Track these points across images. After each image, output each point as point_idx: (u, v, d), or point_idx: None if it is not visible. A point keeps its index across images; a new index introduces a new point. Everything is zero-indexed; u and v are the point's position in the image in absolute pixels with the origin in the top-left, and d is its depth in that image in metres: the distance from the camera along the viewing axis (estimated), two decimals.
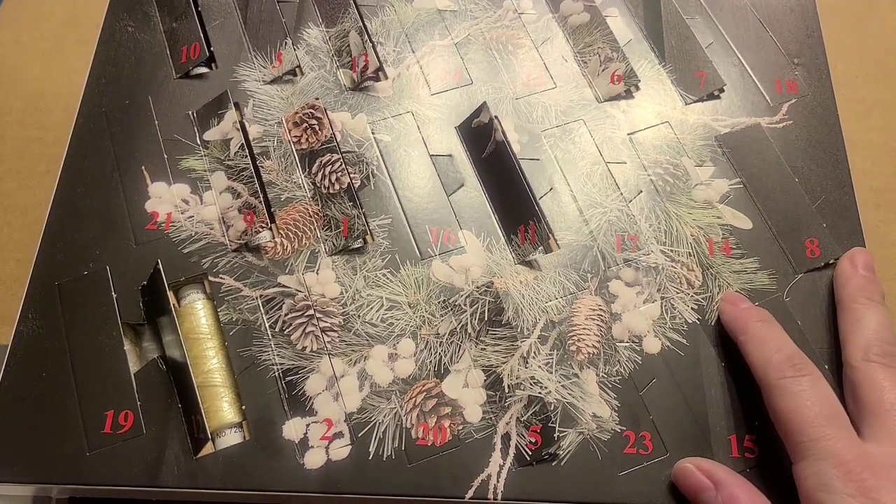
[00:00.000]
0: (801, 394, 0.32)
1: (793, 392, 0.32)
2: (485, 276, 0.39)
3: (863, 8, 0.54)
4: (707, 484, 0.33)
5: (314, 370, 0.36)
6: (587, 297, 0.38)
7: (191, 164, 0.42)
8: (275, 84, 0.44)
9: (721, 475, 0.33)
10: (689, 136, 0.43)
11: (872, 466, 0.30)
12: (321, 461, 0.34)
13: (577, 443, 0.35)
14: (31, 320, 0.37)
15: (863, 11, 0.54)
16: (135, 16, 0.46)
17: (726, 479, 0.33)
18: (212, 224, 0.40)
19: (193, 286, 0.39)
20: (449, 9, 0.47)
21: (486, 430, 0.35)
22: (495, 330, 0.37)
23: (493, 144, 0.41)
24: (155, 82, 0.44)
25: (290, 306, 0.38)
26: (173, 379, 0.36)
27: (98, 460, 0.34)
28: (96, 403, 0.35)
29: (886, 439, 0.32)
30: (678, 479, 0.34)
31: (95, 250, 0.39)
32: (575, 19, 0.47)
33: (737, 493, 0.32)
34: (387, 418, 0.36)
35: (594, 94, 0.44)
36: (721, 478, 0.33)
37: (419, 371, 0.37)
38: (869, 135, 0.49)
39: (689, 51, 0.45)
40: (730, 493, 0.32)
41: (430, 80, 0.45)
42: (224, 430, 0.35)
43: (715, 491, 0.32)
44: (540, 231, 0.39)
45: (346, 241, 0.39)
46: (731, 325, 0.37)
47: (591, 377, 0.37)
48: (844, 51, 0.51)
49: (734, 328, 0.36)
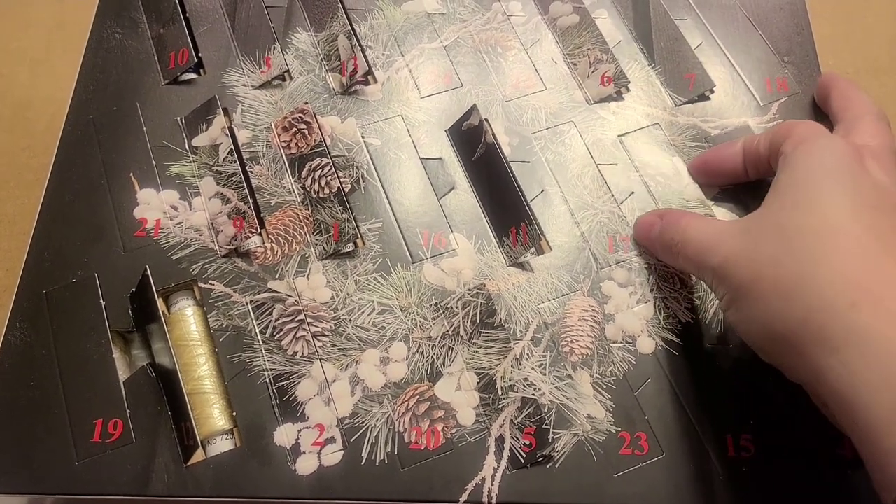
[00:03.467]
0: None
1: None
2: (477, 278, 0.39)
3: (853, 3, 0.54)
4: (653, 219, 0.38)
5: (305, 375, 0.36)
6: (580, 299, 0.38)
7: (179, 170, 0.41)
8: (263, 89, 0.44)
9: (666, 210, 0.38)
10: (680, 138, 0.43)
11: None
12: (313, 467, 0.34)
13: (572, 444, 0.35)
14: (19, 329, 0.37)
15: (853, 5, 0.54)
16: (122, 22, 0.46)
17: (670, 210, 0.37)
18: (201, 230, 0.40)
19: (183, 293, 0.38)
20: (438, 12, 0.47)
21: (480, 433, 0.35)
22: (488, 332, 0.37)
23: (484, 147, 0.41)
24: (143, 88, 0.44)
25: (280, 311, 0.37)
26: (163, 386, 0.36)
27: (87, 469, 0.34)
28: (85, 412, 0.35)
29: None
30: (635, 232, 0.39)
31: (84, 258, 0.39)
32: (564, 21, 0.47)
33: (677, 214, 0.36)
34: (379, 423, 0.35)
35: (584, 95, 0.44)
36: (665, 210, 0.37)
37: (411, 375, 0.36)
38: None
39: (678, 52, 0.45)
40: (671, 216, 0.36)
41: (420, 84, 0.44)
42: (215, 437, 0.35)
43: (660, 220, 0.37)
44: (531, 233, 0.39)
45: (337, 245, 0.39)
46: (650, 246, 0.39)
47: (585, 378, 0.36)
48: (835, 46, 0.51)
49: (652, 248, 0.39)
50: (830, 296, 0.27)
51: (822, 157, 0.32)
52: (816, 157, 0.32)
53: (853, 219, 0.29)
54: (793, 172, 0.32)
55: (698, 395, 0.36)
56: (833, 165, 0.31)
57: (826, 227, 0.29)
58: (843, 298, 0.27)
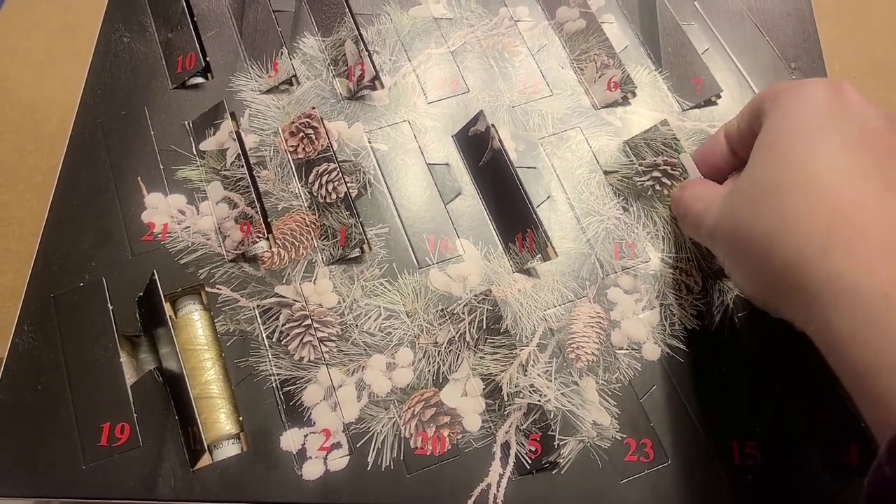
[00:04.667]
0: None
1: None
2: (483, 284, 0.39)
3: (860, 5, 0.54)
4: (677, 194, 0.38)
5: (312, 380, 0.36)
6: (586, 305, 0.38)
7: (187, 175, 0.41)
8: (271, 94, 0.44)
9: (686, 182, 0.39)
10: (687, 143, 0.43)
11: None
12: (319, 472, 0.34)
13: (578, 451, 0.35)
14: (27, 332, 0.37)
15: (859, 9, 0.54)
16: (130, 26, 0.46)
17: (685, 183, 0.38)
18: (208, 234, 0.40)
19: (190, 297, 0.38)
20: (445, 17, 0.47)
21: (486, 439, 0.35)
22: (494, 338, 0.37)
23: (490, 153, 0.41)
24: (151, 93, 0.44)
25: (287, 316, 0.38)
26: (170, 390, 0.36)
27: (94, 473, 0.34)
28: (92, 416, 0.35)
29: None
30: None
31: (91, 262, 0.39)
32: (571, 26, 0.47)
33: (681, 189, 0.37)
34: (385, 428, 0.35)
35: (591, 101, 0.44)
36: (686, 182, 0.39)
37: (417, 380, 0.36)
38: None
39: (685, 57, 0.45)
40: (679, 190, 0.38)
41: (427, 89, 0.44)
42: (221, 441, 0.35)
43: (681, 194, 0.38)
44: (538, 239, 0.39)
45: (344, 250, 0.39)
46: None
47: (591, 385, 0.36)
48: (841, 49, 0.51)
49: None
50: (801, 246, 0.27)
51: (799, 106, 0.31)
52: (793, 107, 0.31)
53: (831, 168, 0.28)
54: (771, 127, 0.32)
55: (704, 403, 0.36)
56: (811, 113, 0.30)
57: (801, 179, 0.29)
58: (813, 247, 0.27)
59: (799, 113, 0.31)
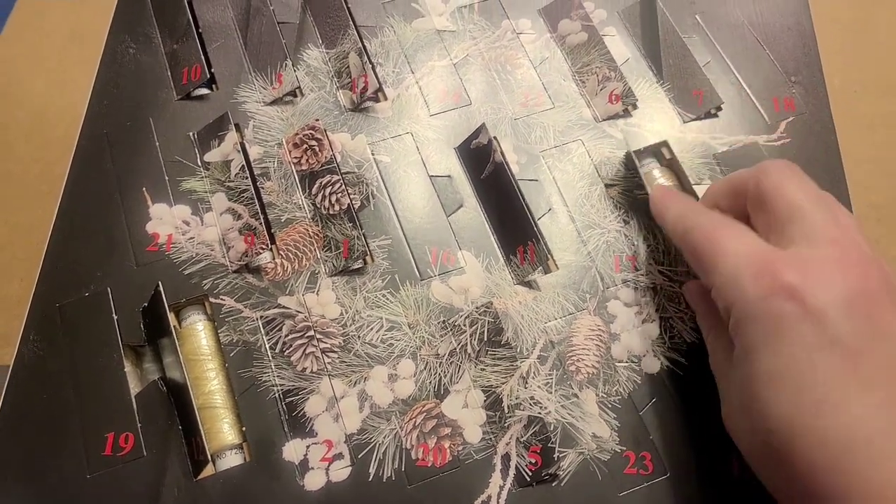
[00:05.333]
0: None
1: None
2: (484, 296, 0.39)
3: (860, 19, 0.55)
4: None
5: (314, 391, 0.37)
6: (586, 318, 0.39)
7: (192, 186, 0.42)
8: (275, 105, 0.44)
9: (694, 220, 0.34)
10: (688, 155, 0.43)
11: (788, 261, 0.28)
12: (321, 482, 0.35)
13: (577, 463, 0.35)
14: (32, 342, 0.37)
15: (860, 23, 0.54)
16: (136, 37, 0.47)
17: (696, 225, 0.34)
18: (212, 245, 0.40)
19: (194, 307, 0.39)
20: (448, 29, 0.47)
21: (486, 451, 0.35)
22: (495, 350, 0.38)
23: (492, 165, 0.41)
24: (156, 104, 0.44)
25: (290, 327, 0.38)
26: (174, 400, 0.36)
27: (98, 483, 0.34)
28: (97, 425, 0.36)
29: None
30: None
31: (97, 272, 0.39)
32: (573, 39, 0.47)
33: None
34: (387, 439, 0.36)
35: (592, 113, 0.45)
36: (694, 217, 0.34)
37: (419, 391, 0.37)
38: (869, 149, 0.49)
39: (686, 69, 0.46)
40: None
41: (430, 101, 0.45)
42: (224, 451, 0.35)
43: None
44: (539, 251, 0.39)
45: (346, 261, 0.39)
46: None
47: (591, 397, 0.37)
48: (842, 63, 0.52)
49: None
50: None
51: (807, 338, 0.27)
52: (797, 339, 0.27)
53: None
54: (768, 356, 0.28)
55: (703, 416, 0.36)
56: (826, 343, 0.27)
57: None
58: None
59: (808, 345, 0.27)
